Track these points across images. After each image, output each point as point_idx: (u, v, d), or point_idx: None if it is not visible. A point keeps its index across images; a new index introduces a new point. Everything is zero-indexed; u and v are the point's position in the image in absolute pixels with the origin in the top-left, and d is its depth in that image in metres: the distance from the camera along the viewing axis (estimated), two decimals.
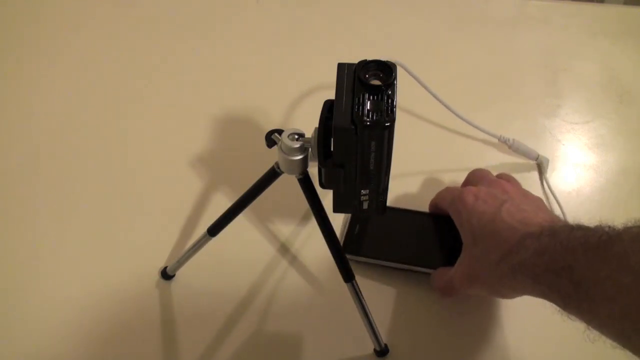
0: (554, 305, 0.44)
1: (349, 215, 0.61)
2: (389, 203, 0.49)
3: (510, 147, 0.68)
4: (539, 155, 0.68)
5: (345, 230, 0.61)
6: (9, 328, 0.57)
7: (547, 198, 0.66)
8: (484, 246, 0.49)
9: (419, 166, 0.68)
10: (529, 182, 0.68)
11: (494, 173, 0.67)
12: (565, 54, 0.80)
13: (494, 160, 0.69)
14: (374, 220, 0.61)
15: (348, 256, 0.52)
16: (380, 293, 0.59)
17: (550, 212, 0.51)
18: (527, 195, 0.55)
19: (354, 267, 0.52)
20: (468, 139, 0.70)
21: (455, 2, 0.85)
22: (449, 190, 0.60)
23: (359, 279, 0.52)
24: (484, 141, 0.70)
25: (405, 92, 0.45)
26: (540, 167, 0.68)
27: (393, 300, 0.59)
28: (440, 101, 0.66)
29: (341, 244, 0.59)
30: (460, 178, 0.66)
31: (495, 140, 0.68)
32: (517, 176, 0.67)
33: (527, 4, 0.85)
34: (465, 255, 0.52)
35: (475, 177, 0.59)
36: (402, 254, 0.59)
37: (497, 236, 0.48)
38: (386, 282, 0.59)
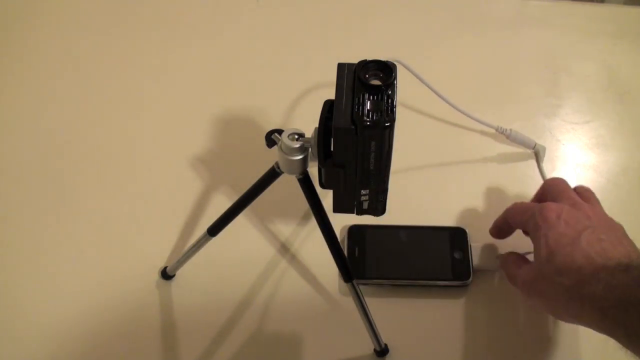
0: (610, 341, 0.44)
1: (345, 238, 0.61)
2: (386, 219, 0.49)
3: (508, 137, 0.68)
4: (536, 144, 0.69)
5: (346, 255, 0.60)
6: (8, 327, 0.57)
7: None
8: (558, 268, 0.48)
9: (417, 160, 0.69)
10: (527, 170, 0.68)
11: (493, 166, 0.68)
12: (566, 54, 0.79)
13: (491, 151, 0.69)
14: (371, 242, 0.61)
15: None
16: (380, 294, 0.59)
17: (629, 243, 0.49)
18: (608, 222, 0.53)
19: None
20: (466, 131, 0.71)
21: (455, 2, 0.85)
22: (526, 204, 0.57)
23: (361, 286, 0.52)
24: (482, 132, 0.70)
25: (403, 89, 0.45)
26: (538, 156, 0.69)
27: (393, 301, 0.59)
28: (438, 94, 0.66)
29: None
30: (460, 171, 0.67)
31: (493, 131, 0.69)
32: (515, 165, 0.69)
33: (527, 4, 0.85)
34: (536, 268, 0.51)
35: (553, 190, 0.56)
36: (406, 271, 0.59)
37: (572, 262, 0.47)
38: (386, 284, 0.59)
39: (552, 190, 0.56)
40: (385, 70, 0.41)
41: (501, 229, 0.59)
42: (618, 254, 0.46)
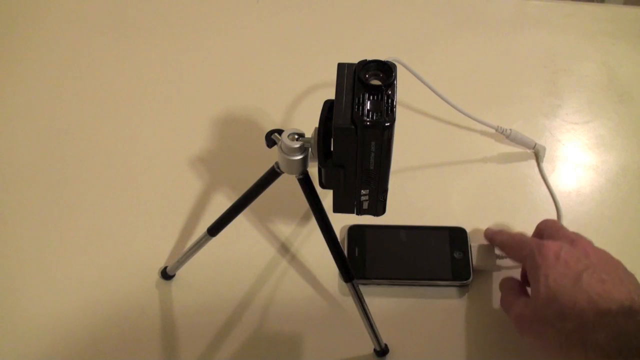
0: None
1: (345, 238, 0.61)
2: (386, 219, 0.48)
3: (507, 137, 0.68)
4: (535, 144, 0.69)
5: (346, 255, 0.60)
6: (9, 327, 0.57)
7: (547, 184, 0.67)
8: (559, 311, 0.47)
9: (417, 160, 0.69)
10: (526, 170, 0.68)
11: (493, 166, 0.68)
12: (565, 54, 0.79)
13: (491, 151, 0.70)
14: (371, 242, 0.61)
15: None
16: (380, 294, 0.59)
17: (630, 281, 0.49)
18: (607, 259, 0.51)
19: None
20: (466, 131, 0.71)
21: (455, 2, 0.85)
22: (524, 240, 0.56)
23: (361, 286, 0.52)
24: (482, 132, 0.70)
25: (403, 89, 0.45)
26: (538, 156, 0.69)
27: (393, 301, 0.59)
28: (438, 94, 0.66)
29: None
30: (460, 171, 0.66)
31: (493, 131, 0.69)
32: (515, 165, 0.69)
33: (527, 4, 0.85)
34: (533, 306, 0.50)
35: (549, 229, 0.56)
36: (406, 271, 0.59)
37: (574, 304, 0.46)
38: (386, 284, 0.59)
39: (547, 229, 0.56)
40: (385, 70, 0.42)
41: (493, 242, 0.60)
42: (620, 296, 0.46)
